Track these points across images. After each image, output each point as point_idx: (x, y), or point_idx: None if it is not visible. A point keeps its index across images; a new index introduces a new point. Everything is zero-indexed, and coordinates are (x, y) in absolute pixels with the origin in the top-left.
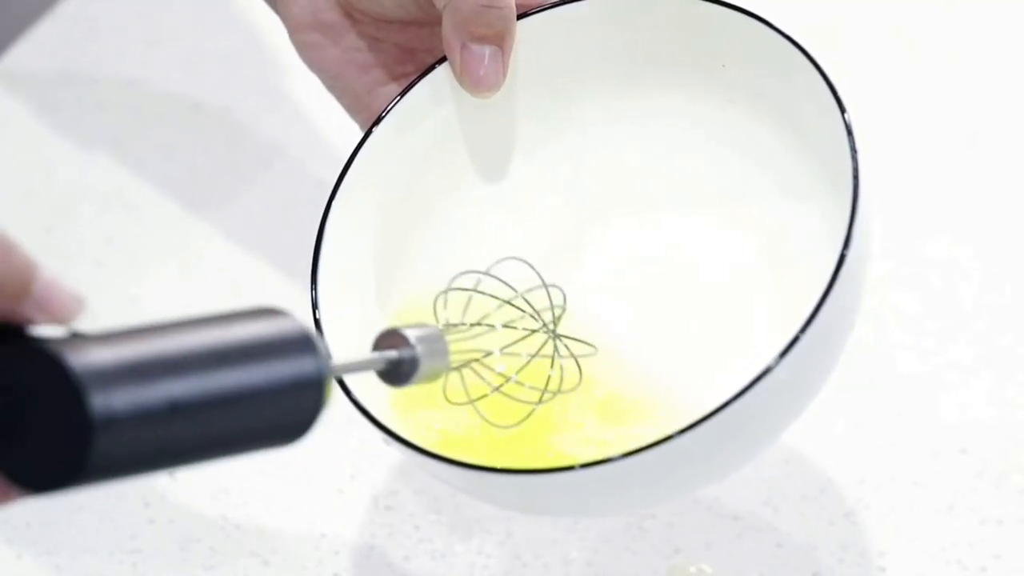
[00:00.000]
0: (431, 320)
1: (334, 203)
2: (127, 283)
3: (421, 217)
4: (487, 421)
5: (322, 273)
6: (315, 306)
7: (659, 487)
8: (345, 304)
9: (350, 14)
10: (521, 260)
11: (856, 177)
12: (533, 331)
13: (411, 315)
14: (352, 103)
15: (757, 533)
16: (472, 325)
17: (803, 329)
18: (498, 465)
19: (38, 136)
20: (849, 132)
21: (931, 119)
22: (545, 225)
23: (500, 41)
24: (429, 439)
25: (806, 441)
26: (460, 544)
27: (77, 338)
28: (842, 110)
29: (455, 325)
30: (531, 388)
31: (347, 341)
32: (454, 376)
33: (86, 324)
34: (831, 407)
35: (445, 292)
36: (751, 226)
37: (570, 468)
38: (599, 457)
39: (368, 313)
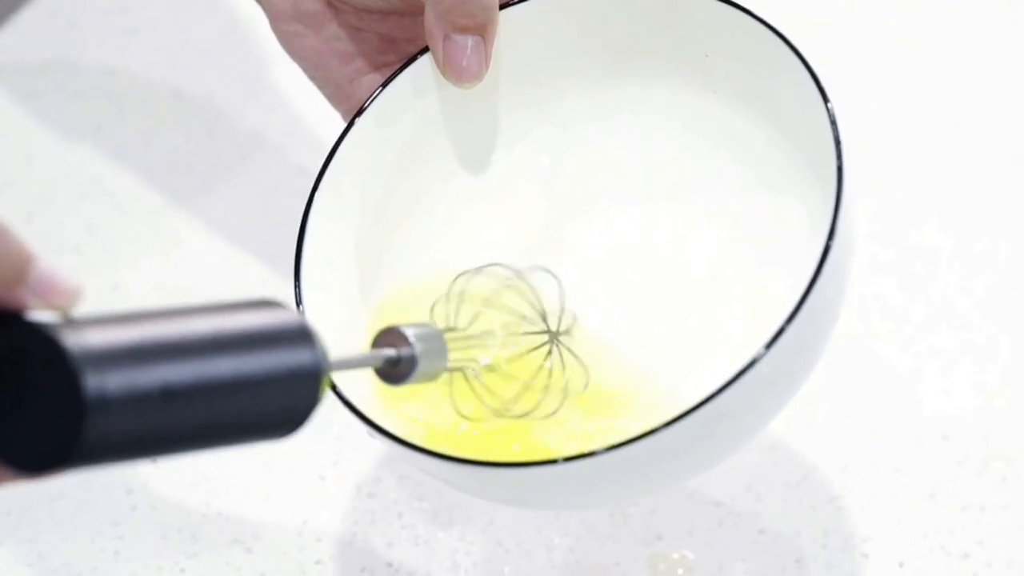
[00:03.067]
0: (419, 318)
1: (316, 195)
2: (107, 272)
3: (404, 208)
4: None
5: (305, 266)
6: (299, 302)
7: (643, 480)
8: (328, 297)
9: (332, 4)
10: (504, 266)
11: (840, 169)
12: (535, 333)
13: (395, 307)
14: (334, 93)
15: (740, 519)
16: (470, 328)
17: (788, 321)
18: (482, 458)
19: (18, 124)
20: (833, 123)
21: (914, 107)
22: (526, 216)
23: (483, 31)
24: (413, 431)
25: (789, 428)
26: (442, 531)
27: (73, 322)
28: (825, 100)
29: (454, 329)
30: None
31: (331, 334)
32: (463, 385)
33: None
34: (814, 394)
35: (445, 296)
36: (733, 218)
37: (553, 462)
38: (583, 450)
39: (352, 306)
